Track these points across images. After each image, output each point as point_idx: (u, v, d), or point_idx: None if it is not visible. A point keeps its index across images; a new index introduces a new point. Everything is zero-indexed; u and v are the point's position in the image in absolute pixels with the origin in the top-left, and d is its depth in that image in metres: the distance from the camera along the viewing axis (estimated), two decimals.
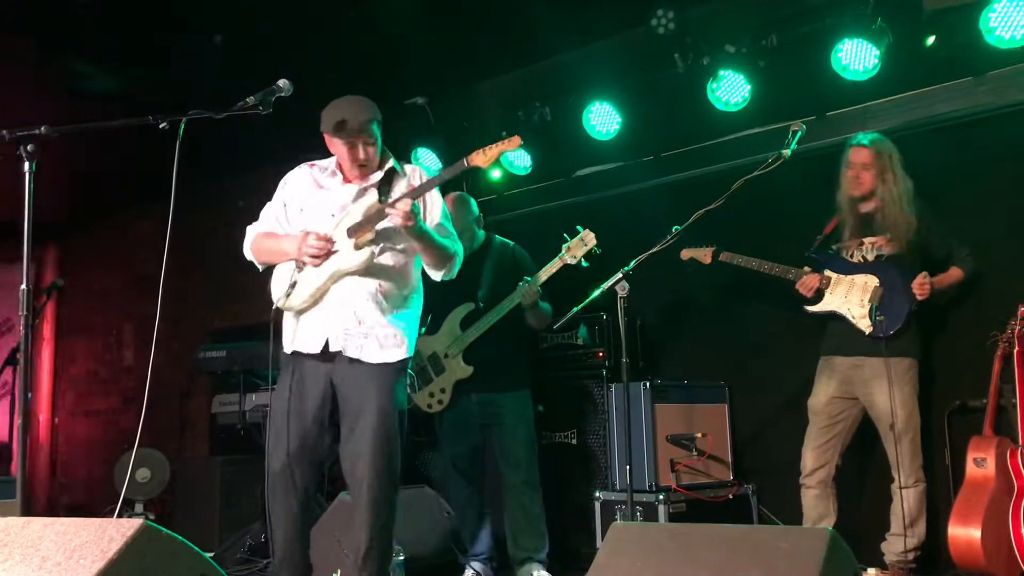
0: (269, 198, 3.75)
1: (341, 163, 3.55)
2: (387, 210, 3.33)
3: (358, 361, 3.42)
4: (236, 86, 3.30)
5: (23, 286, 2.82)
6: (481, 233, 4.65)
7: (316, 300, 3.46)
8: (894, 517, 3.94)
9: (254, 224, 3.69)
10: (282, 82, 3.21)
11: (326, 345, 3.42)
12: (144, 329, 3.28)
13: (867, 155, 4.03)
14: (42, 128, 2.86)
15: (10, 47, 5.19)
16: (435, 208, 3.59)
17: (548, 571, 4.34)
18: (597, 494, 4.62)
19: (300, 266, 3.47)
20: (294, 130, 5.30)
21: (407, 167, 3.62)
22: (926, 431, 4.03)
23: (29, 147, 2.83)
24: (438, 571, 4.65)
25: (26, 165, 2.84)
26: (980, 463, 3.75)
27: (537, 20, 4.92)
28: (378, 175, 3.53)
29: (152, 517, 5.84)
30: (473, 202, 4.66)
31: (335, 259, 3.42)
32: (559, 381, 5.10)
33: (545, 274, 4.34)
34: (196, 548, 2.18)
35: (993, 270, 4.15)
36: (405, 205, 3.28)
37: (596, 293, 3.85)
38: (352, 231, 3.43)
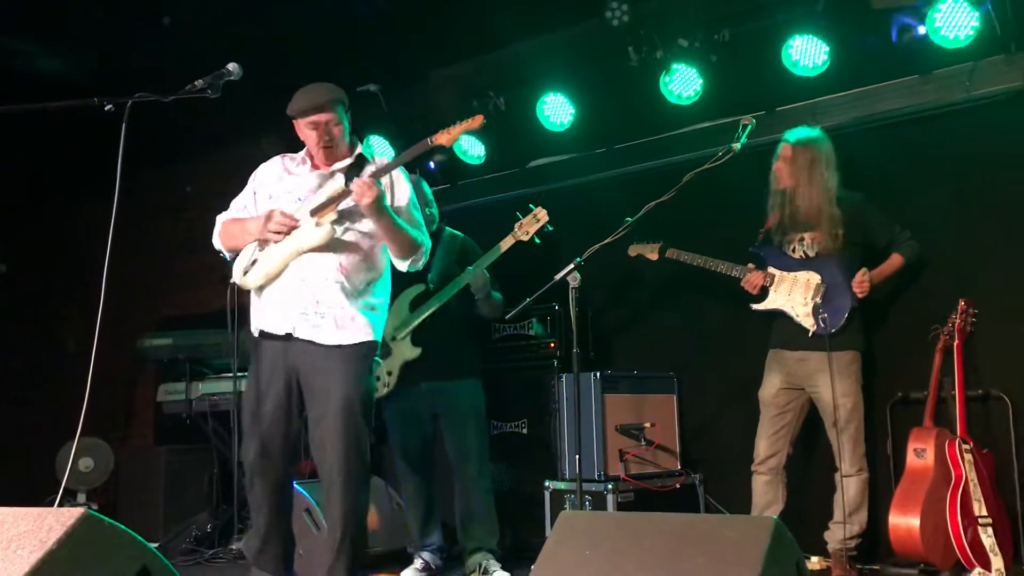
0: (217, 184, 3.71)
1: (309, 148, 3.53)
2: (350, 186, 3.30)
3: (314, 343, 3.37)
4: (184, 69, 3.25)
5: None
6: (436, 217, 4.63)
7: (274, 278, 3.42)
8: (837, 506, 4.02)
9: (223, 213, 3.65)
10: (232, 66, 3.17)
11: (287, 325, 3.38)
12: (88, 316, 3.22)
13: (788, 151, 4.09)
14: None
15: None
16: (402, 193, 3.55)
17: (498, 560, 4.35)
18: (547, 484, 4.63)
19: (262, 245, 3.43)
20: (244, 116, 5.25)
21: (377, 157, 3.61)
22: (869, 422, 4.11)
23: None
24: (387, 561, 4.64)
25: None
26: (920, 453, 3.83)
27: (492, 10, 4.91)
28: (347, 161, 3.50)
29: (95, 507, 5.73)
30: (427, 185, 4.64)
31: (295, 236, 3.38)
32: (510, 371, 5.11)
33: (497, 252, 4.34)
34: (139, 538, 2.14)
35: (935, 265, 4.24)
36: (365, 180, 3.26)
37: (548, 284, 3.86)
38: (315, 211, 3.39)
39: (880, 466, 4.20)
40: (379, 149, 5.59)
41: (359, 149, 3.54)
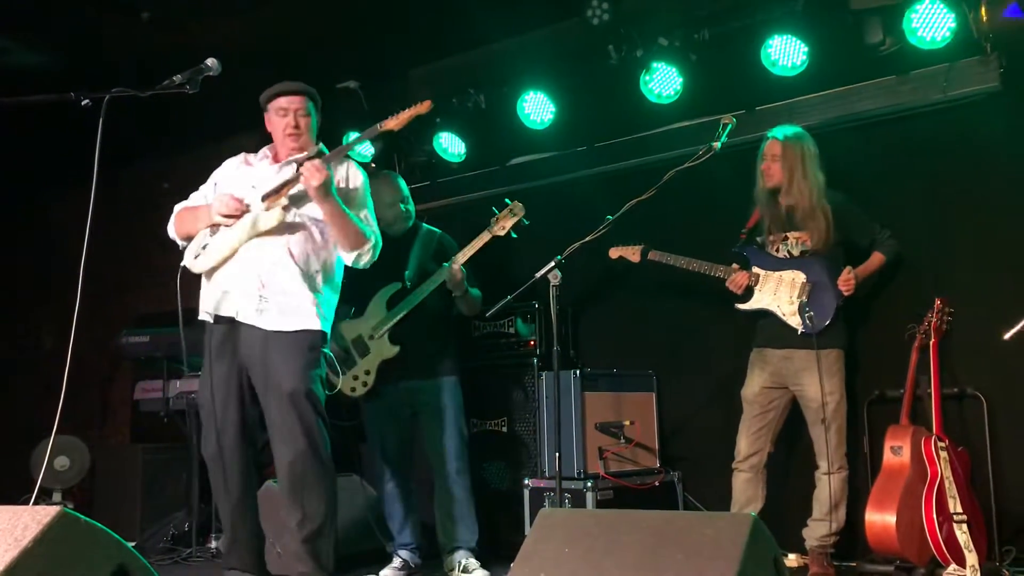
0: (195, 180, 3.70)
1: (275, 138, 3.57)
2: (302, 172, 3.34)
3: (258, 328, 3.38)
4: (162, 65, 3.23)
5: None
6: (412, 213, 4.62)
7: (225, 262, 3.44)
8: (816, 503, 4.05)
9: (182, 202, 3.69)
10: (210, 61, 3.16)
11: (233, 309, 3.40)
12: (64, 313, 3.19)
13: (777, 148, 4.12)
14: None
15: None
16: (355, 183, 3.60)
17: (477, 559, 4.35)
18: (526, 481, 4.64)
19: (214, 230, 3.46)
20: (222, 112, 5.21)
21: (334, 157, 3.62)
22: (847, 420, 4.14)
23: None
24: (365, 560, 4.63)
25: None
26: (896, 451, 3.86)
27: (472, 8, 4.90)
28: (304, 155, 3.53)
29: (71, 506, 5.67)
30: (402, 180, 4.62)
31: (246, 220, 3.41)
32: (490, 369, 5.11)
33: (474, 248, 4.34)
34: (116, 536, 2.13)
35: (911, 265, 4.28)
36: (315, 162, 3.31)
37: (529, 282, 3.86)
38: (267, 196, 3.43)
39: (857, 464, 4.23)
40: (358, 147, 5.58)
41: (319, 146, 3.60)
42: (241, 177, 3.60)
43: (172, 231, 3.66)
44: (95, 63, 5.33)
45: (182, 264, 3.52)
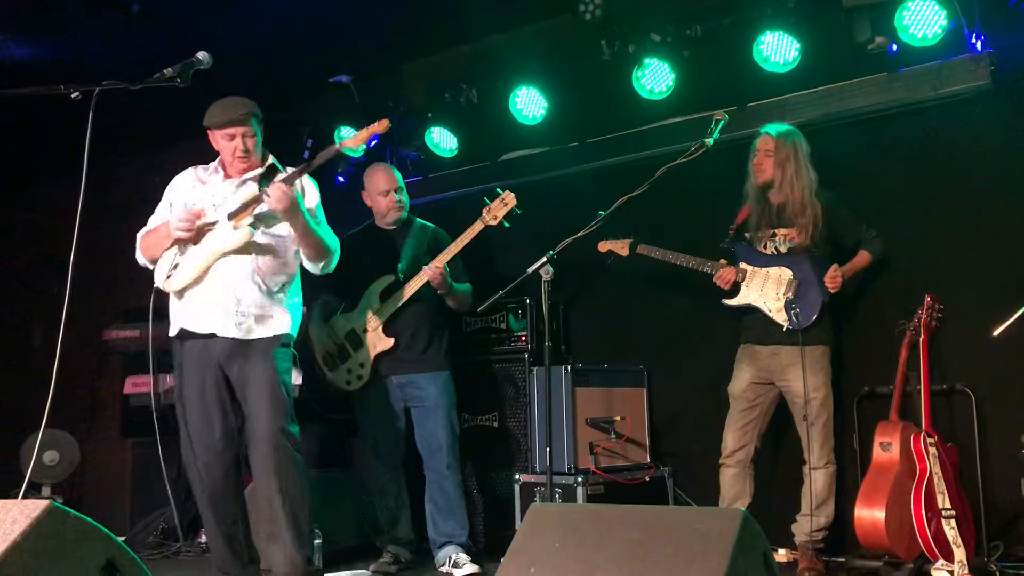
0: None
1: (224, 159, 3.69)
2: (263, 193, 3.47)
3: (240, 340, 3.55)
4: (153, 57, 3.22)
5: None
6: (407, 204, 4.61)
7: (197, 281, 3.57)
8: (804, 499, 4.06)
9: (143, 229, 3.78)
10: (201, 54, 3.15)
11: (210, 326, 3.54)
12: (53, 308, 3.18)
13: (770, 143, 4.13)
14: None
15: None
16: (311, 197, 3.74)
17: (467, 554, 4.35)
18: (517, 476, 4.64)
19: (183, 249, 3.58)
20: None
21: (288, 168, 3.74)
22: (836, 416, 4.15)
23: None
24: (356, 554, 4.63)
25: None
26: (886, 447, 3.88)
27: (464, 3, 4.89)
28: (259, 170, 3.67)
29: (60, 500, 5.66)
30: (397, 171, 4.63)
31: (214, 239, 3.55)
32: (481, 364, 5.11)
33: (465, 238, 4.34)
34: (106, 530, 2.12)
35: (901, 261, 4.29)
36: (281, 186, 3.44)
37: (521, 277, 3.86)
38: (232, 215, 3.56)
39: (846, 459, 4.25)
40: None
41: (270, 160, 3.72)
42: (198, 196, 3.69)
43: (140, 258, 3.76)
44: (85, 56, 5.30)
45: (155, 286, 3.64)
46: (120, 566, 2.11)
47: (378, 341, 4.39)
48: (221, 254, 3.55)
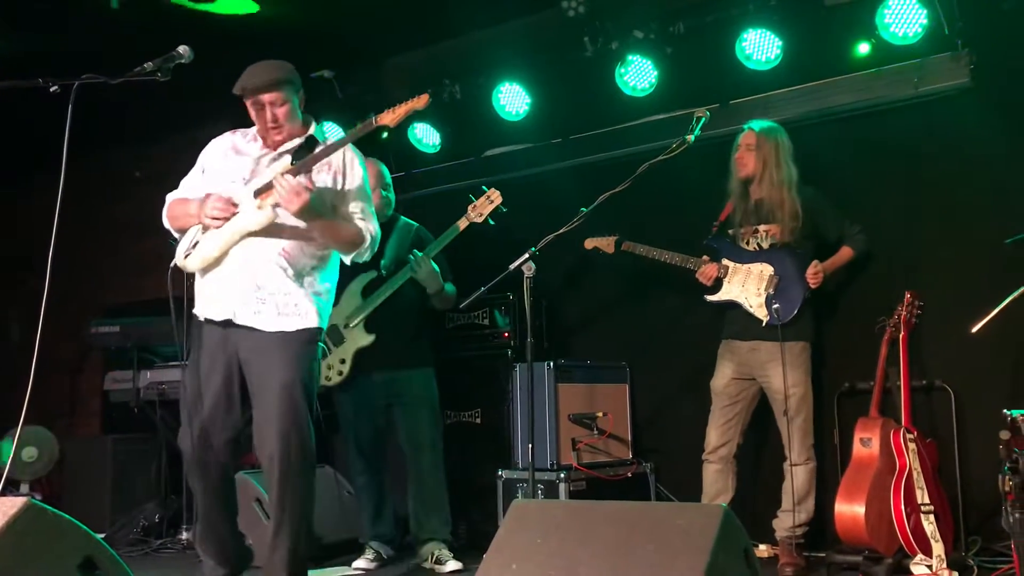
0: (166, 169, 3.64)
1: (259, 130, 3.42)
2: (274, 182, 3.16)
3: (255, 329, 3.28)
4: (134, 51, 3.19)
5: None
6: (393, 200, 4.60)
7: (217, 262, 3.31)
8: (785, 494, 4.08)
9: (173, 192, 3.53)
10: (182, 48, 3.11)
11: (227, 311, 3.30)
12: (32, 302, 3.14)
13: (752, 138, 4.15)
14: None
15: None
16: (354, 177, 3.43)
17: (450, 550, 4.35)
18: (500, 473, 4.64)
19: (204, 228, 3.35)
20: (194, 100, 5.16)
21: (331, 139, 3.47)
22: (817, 412, 4.18)
23: None
24: (338, 551, 4.62)
25: None
26: (866, 443, 3.90)
27: None
28: (297, 141, 3.37)
29: (38, 497, 5.62)
30: (384, 167, 4.60)
31: (237, 220, 3.28)
32: (464, 360, 5.11)
33: (451, 235, 4.32)
34: (84, 527, 2.11)
35: (882, 258, 4.32)
36: (290, 182, 3.12)
37: (503, 274, 3.86)
38: (258, 192, 3.28)
39: (827, 455, 4.28)
40: (332, 136, 5.54)
41: (311, 129, 3.42)
42: (229, 166, 3.42)
43: (167, 222, 3.51)
44: (64, 48, 5.26)
45: (173, 263, 3.39)
46: (99, 563, 2.09)
47: (359, 337, 4.38)
48: (243, 235, 3.26)
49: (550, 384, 4.56)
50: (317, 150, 3.31)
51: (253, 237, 3.28)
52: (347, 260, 3.50)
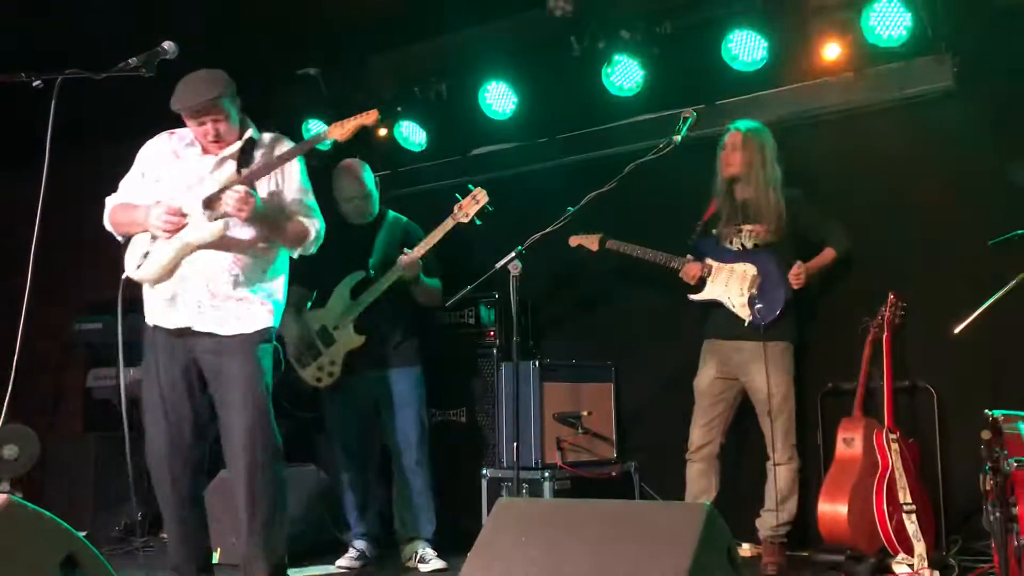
0: None
1: (198, 140, 3.47)
2: (223, 196, 3.25)
3: (214, 335, 3.36)
4: (118, 46, 3.17)
5: None
6: (377, 201, 4.59)
7: (170, 272, 3.37)
8: (768, 494, 4.10)
9: (113, 195, 3.58)
10: (167, 44, 3.10)
11: (183, 320, 3.36)
12: (14, 299, 3.12)
13: (738, 138, 4.17)
14: None
15: None
16: (292, 180, 3.51)
17: (434, 549, 4.35)
18: (484, 471, 4.64)
19: (154, 237, 3.37)
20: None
21: (267, 136, 3.54)
22: (800, 412, 4.20)
23: None
24: (322, 549, 4.61)
25: None
26: (849, 443, 3.93)
27: None
28: (237, 145, 3.43)
29: (19, 495, 5.57)
30: (368, 170, 4.60)
31: (188, 230, 3.34)
32: (450, 359, 5.10)
33: (437, 235, 4.31)
34: (66, 525, 2.09)
35: (865, 259, 4.34)
36: (238, 193, 3.21)
37: (490, 273, 3.86)
38: (207, 202, 3.34)
39: (810, 455, 4.29)
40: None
41: (249, 132, 3.47)
42: (173, 172, 3.46)
43: (109, 225, 3.56)
44: (48, 42, 5.21)
45: (124, 275, 3.41)
46: (80, 561, 2.08)
47: (350, 338, 4.37)
48: (195, 247, 3.34)
49: (535, 383, 4.56)
50: (258, 158, 3.41)
51: (205, 247, 3.34)
52: (294, 255, 3.56)
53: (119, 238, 3.56)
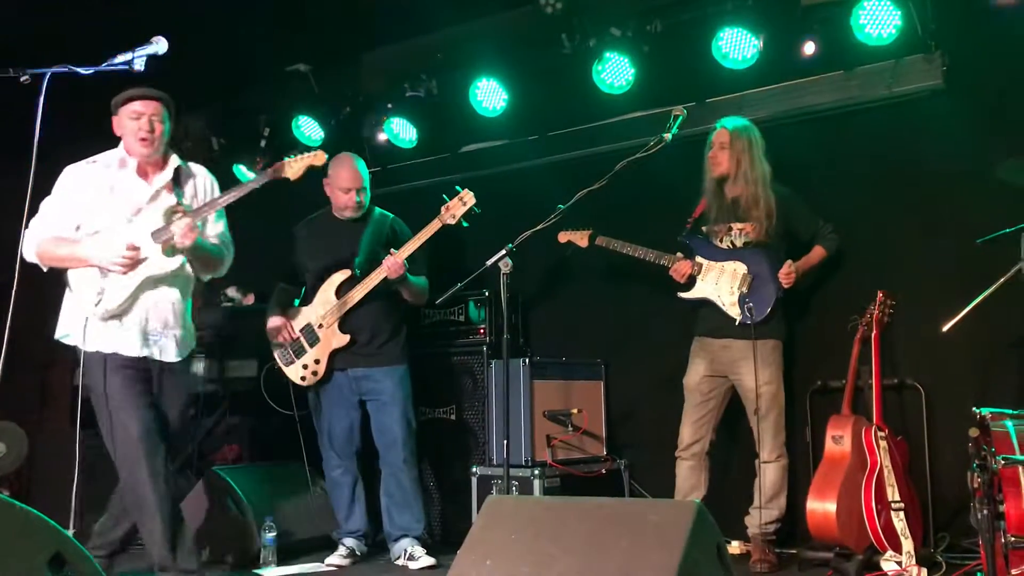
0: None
1: (126, 143, 3.54)
2: (173, 231, 3.43)
3: (166, 362, 3.60)
4: (106, 41, 3.15)
5: None
6: (368, 198, 4.57)
7: (130, 306, 3.50)
8: (757, 491, 4.11)
9: (37, 220, 3.52)
10: (156, 40, 3.08)
11: (141, 350, 3.54)
12: (0, 297, 3.11)
13: (725, 137, 4.17)
14: None
15: None
16: (217, 218, 3.74)
17: (424, 546, 4.34)
18: (474, 469, 4.64)
19: (105, 272, 3.44)
20: (169, 93, 5.08)
21: (193, 166, 3.73)
22: (789, 410, 4.21)
23: None
24: (311, 547, 4.60)
25: None
26: (838, 440, 3.94)
27: None
28: (167, 174, 3.59)
29: (7, 493, 5.55)
30: (363, 165, 4.57)
31: (146, 265, 3.48)
32: (440, 357, 5.10)
33: (422, 237, 4.29)
34: (53, 523, 2.08)
35: (854, 257, 4.36)
36: (186, 223, 3.42)
37: (480, 270, 3.86)
38: (157, 236, 3.48)
39: (799, 452, 4.31)
40: (308, 131, 5.52)
41: (175, 161, 3.64)
42: (109, 206, 3.52)
43: (32, 256, 3.51)
44: (35, 38, 5.18)
45: (85, 318, 3.45)
46: (68, 559, 2.07)
47: (334, 338, 4.35)
48: (154, 282, 3.53)
49: (525, 381, 4.56)
50: (191, 188, 3.66)
51: (157, 279, 3.53)
52: (204, 279, 3.80)
53: (42, 267, 3.56)
